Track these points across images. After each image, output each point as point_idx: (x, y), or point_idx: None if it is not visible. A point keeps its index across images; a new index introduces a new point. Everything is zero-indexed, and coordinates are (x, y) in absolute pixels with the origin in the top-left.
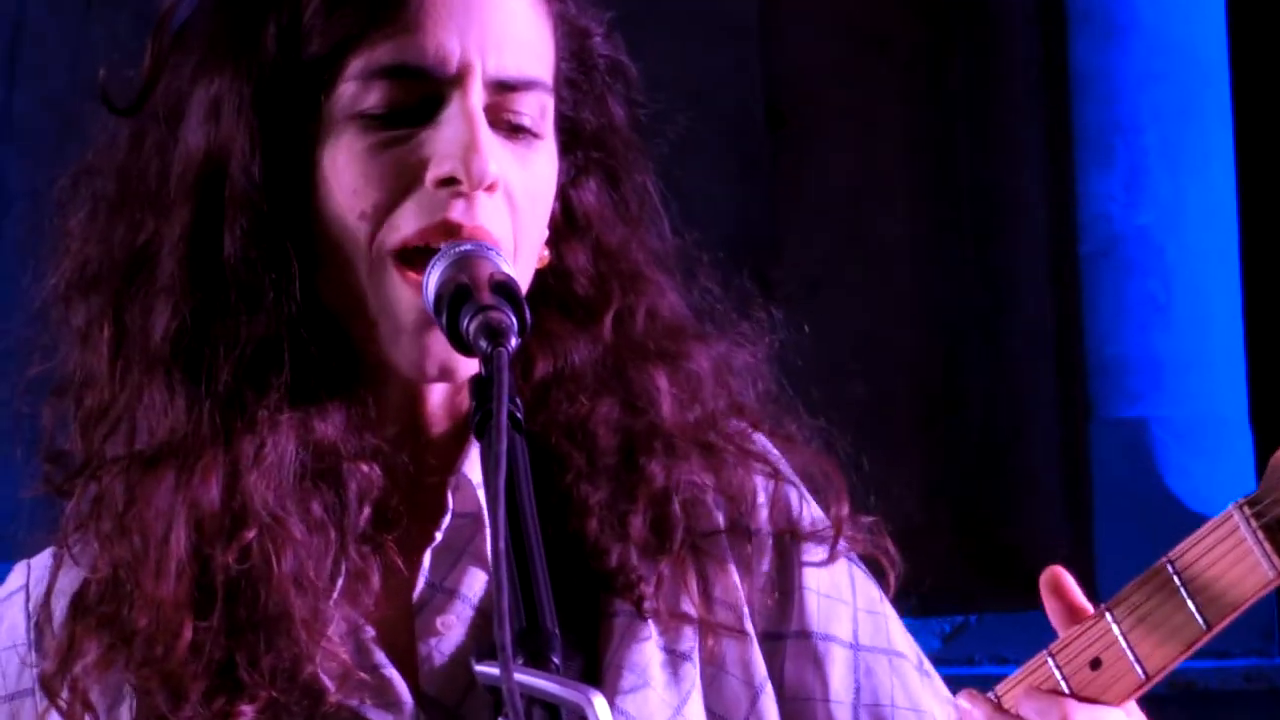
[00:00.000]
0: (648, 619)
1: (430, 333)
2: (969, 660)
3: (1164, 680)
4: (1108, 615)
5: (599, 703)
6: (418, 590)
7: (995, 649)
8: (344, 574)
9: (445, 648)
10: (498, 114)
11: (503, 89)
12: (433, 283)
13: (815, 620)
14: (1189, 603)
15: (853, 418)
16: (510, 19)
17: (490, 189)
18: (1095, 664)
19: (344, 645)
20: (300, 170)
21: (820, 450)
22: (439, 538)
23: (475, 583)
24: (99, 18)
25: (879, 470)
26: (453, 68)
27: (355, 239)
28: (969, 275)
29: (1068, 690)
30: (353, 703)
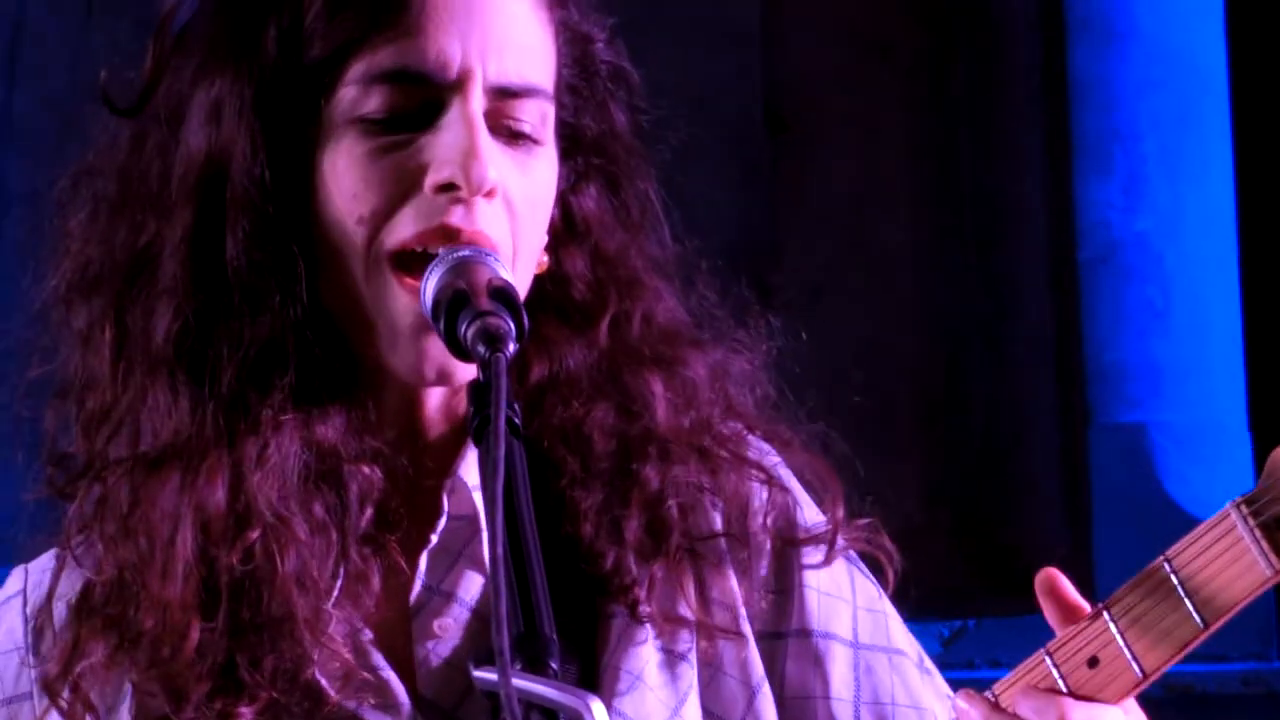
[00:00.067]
0: (644, 622)
1: (428, 336)
2: (968, 664)
3: (1162, 684)
4: (1105, 614)
5: (597, 708)
6: (414, 593)
7: (994, 653)
8: (344, 575)
9: (442, 650)
10: (498, 120)
11: (503, 95)
12: (430, 288)
13: (816, 619)
14: (1186, 601)
15: (854, 422)
16: (512, 25)
17: (489, 195)
18: (1093, 662)
19: (344, 647)
20: (300, 173)
21: (819, 454)
22: (434, 540)
23: (472, 586)
24: (99, 25)
25: (880, 475)
26: (453, 73)
27: (353, 243)
28: (970, 281)
29: (1065, 689)
30: (351, 704)
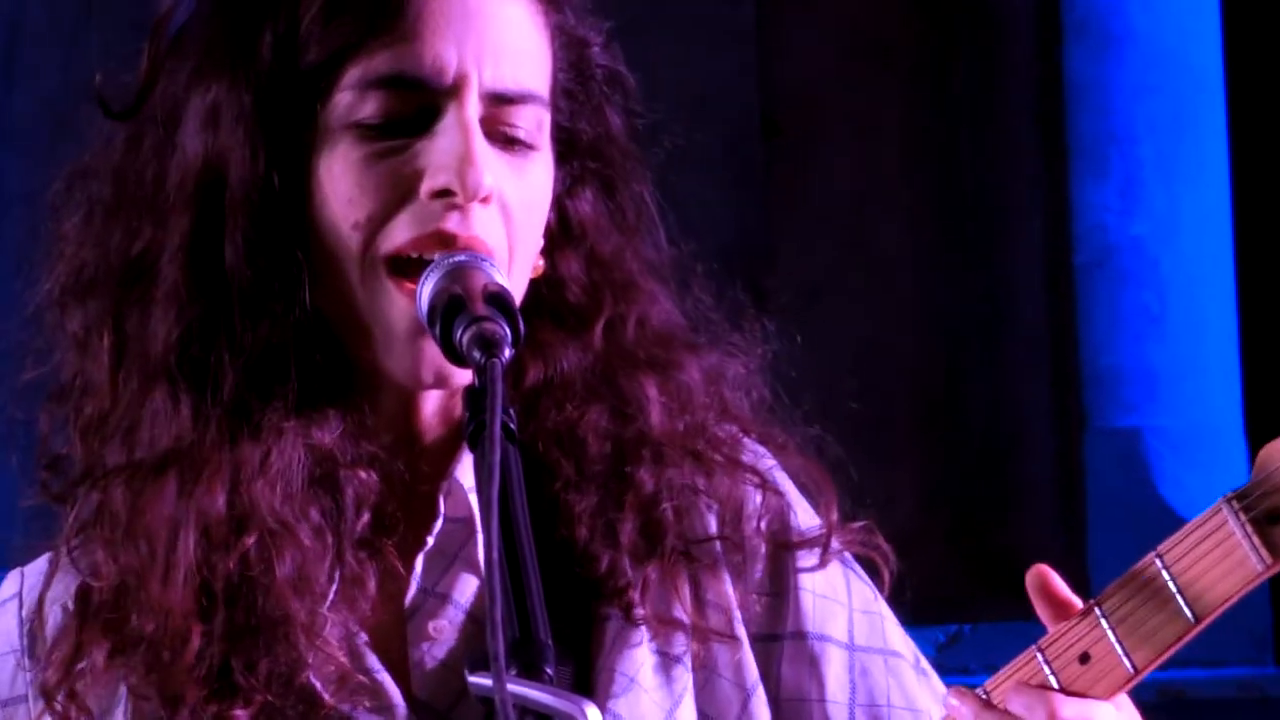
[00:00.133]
0: (639, 624)
1: (424, 340)
2: (964, 670)
3: (1156, 689)
4: (1096, 610)
5: (592, 713)
6: (410, 595)
7: (990, 658)
8: (340, 579)
9: (437, 653)
10: (493, 126)
11: (499, 101)
12: (426, 293)
13: (811, 621)
14: (1177, 597)
15: (850, 426)
16: (508, 30)
17: (485, 201)
18: (1084, 659)
19: (339, 650)
20: (297, 178)
21: (814, 457)
22: (430, 542)
23: (467, 588)
24: (98, 26)
25: (876, 478)
26: (449, 78)
27: (348, 248)
28: (966, 284)
29: (1057, 685)
30: (346, 707)
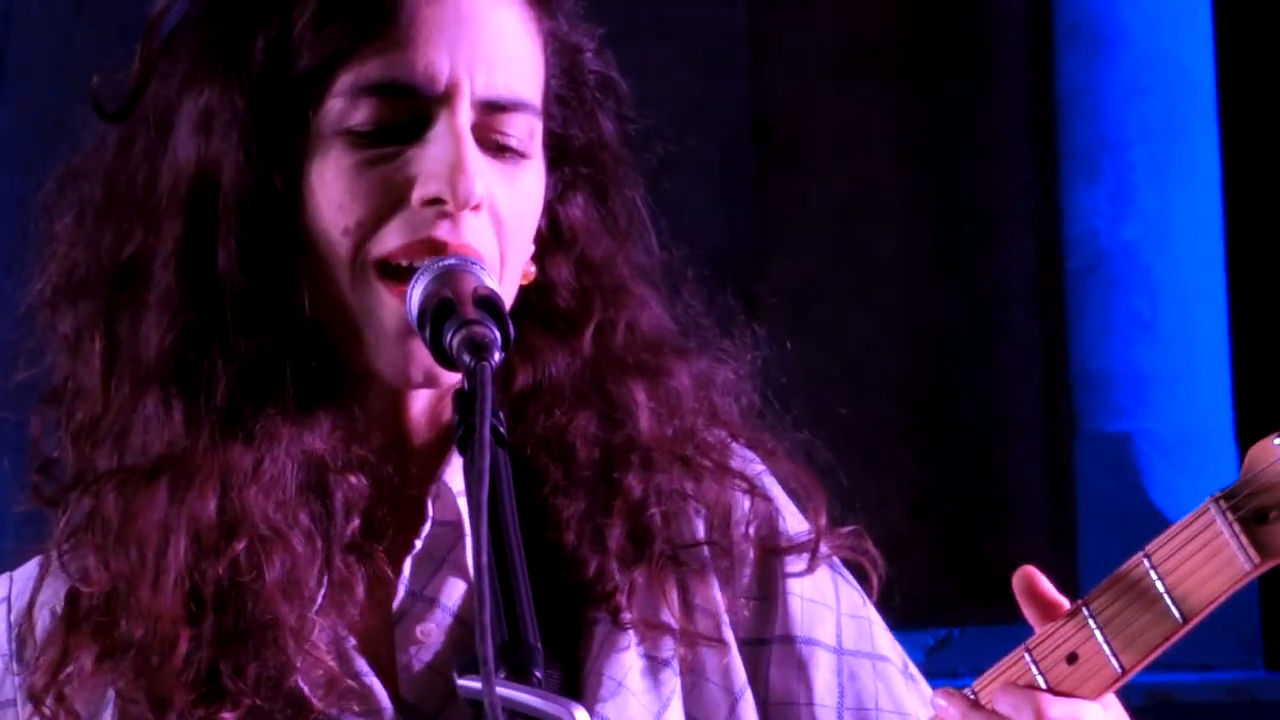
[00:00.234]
0: (627, 628)
1: (414, 340)
2: (953, 673)
3: (1145, 692)
4: (1084, 611)
5: (580, 716)
6: (398, 599)
7: (979, 662)
8: (329, 583)
9: (425, 656)
10: (485, 134)
11: (491, 109)
12: (417, 296)
13: (799, 624)
14: (1165, 597)
15: (840, 431)
16: (500, 38)
17: (476, 209)
18: (1072, 659)
19: (328, 654)
20: (290, 184)
21: (803, 462)
22: (419, 546)
23: (455, 591)
24: (88, 24)
25: (866, 482)
26: (441, 86)
27: (338, 253)
28: (957, 289)
29: (1044, 685)
30: (334, 711)
